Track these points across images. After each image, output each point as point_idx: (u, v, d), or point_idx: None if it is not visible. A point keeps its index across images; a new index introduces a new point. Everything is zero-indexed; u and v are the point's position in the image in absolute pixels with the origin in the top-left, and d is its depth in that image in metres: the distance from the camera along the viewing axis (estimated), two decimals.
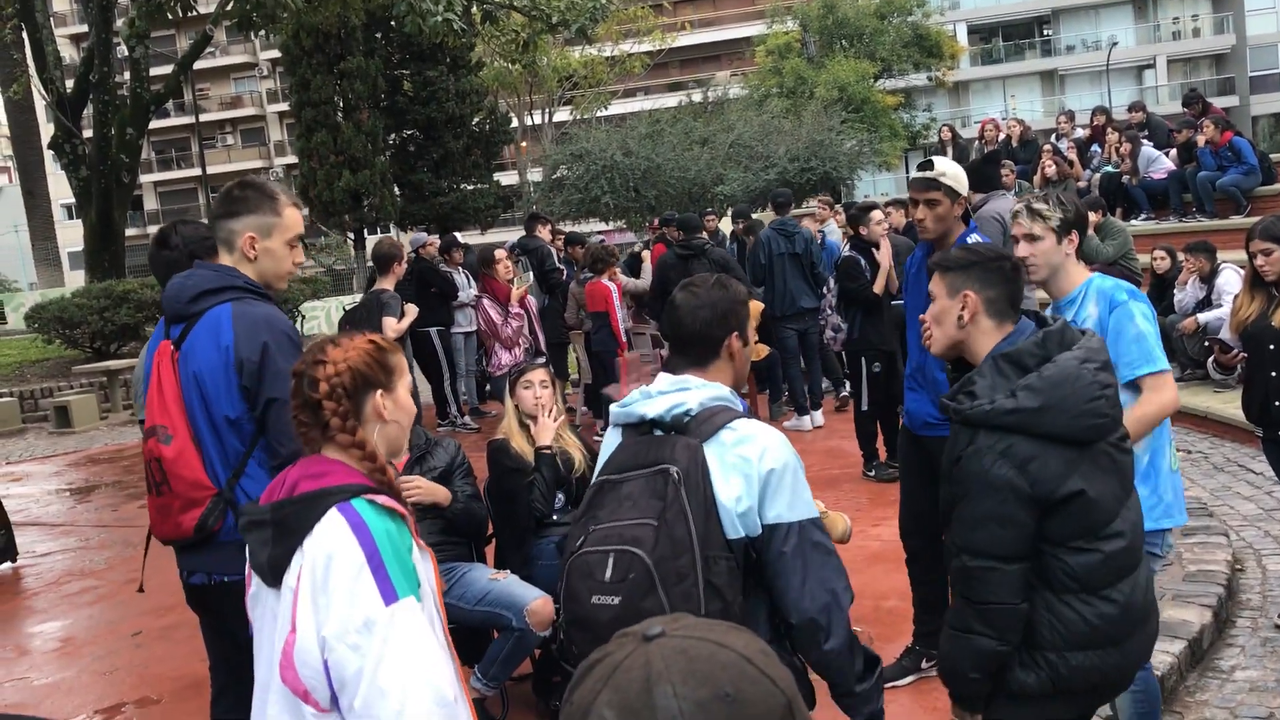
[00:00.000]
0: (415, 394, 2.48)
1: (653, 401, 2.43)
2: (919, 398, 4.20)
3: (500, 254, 9.36)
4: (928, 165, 4.05)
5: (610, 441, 2.55)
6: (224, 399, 2.98)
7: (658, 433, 2.41)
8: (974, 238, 4.10)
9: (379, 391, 2.23)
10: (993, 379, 2.52)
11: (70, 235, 33.80)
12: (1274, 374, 4.67)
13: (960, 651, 2.56)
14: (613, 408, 2.53)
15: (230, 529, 3.00)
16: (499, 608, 4.13)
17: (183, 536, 3.08)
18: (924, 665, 4.47)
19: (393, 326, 7.78)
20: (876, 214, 8.27)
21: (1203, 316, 9.08)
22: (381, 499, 2.12)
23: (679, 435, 2.36)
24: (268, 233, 3.08)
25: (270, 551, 2.09)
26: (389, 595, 2.01)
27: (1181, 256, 9.60)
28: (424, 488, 4.18)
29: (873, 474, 7.56)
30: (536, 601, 4.10)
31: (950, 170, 4.05)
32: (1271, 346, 4.66)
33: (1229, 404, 8.44)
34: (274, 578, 2.10)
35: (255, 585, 2.21)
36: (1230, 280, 9.14)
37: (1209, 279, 9.23)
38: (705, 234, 10.23)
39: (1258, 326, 4.71)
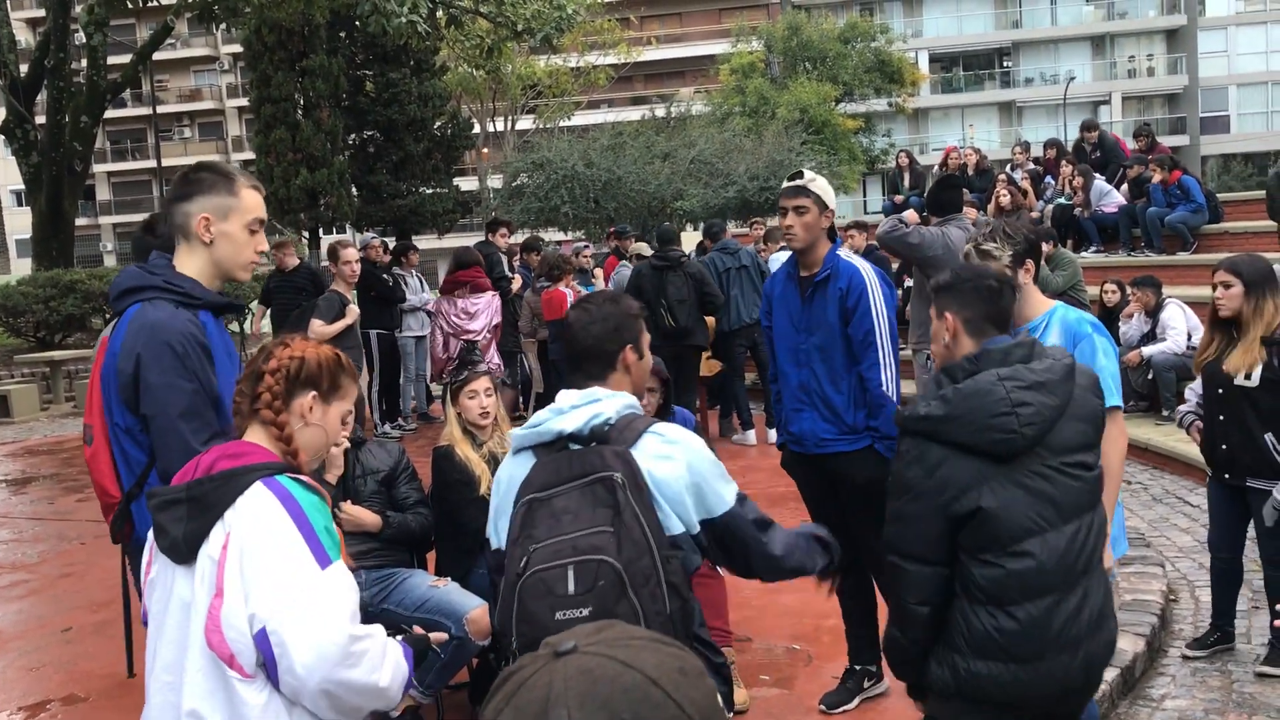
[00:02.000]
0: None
1: (566, 417, 2.44)
2: (810, 416, 4.18)
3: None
4: (797, 175, 4.16)
5: (515, 465, 2.51)
6: (115, 406, 2.87)
7: (574, 447, 2.41)
8: (842, 251, 4.21)
9: (313, 393, 2.30)
10: (929, 389, 2.67)
11: (18, 222, 33.22)
12: (1221, 418, 4.68)
13: (885, 634, 2.77)
14: (516, 432, 2.52)
15: (138, 539, 2.91)
16: (438, 615, 4.08)
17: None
18: (865, 685, 4.48)
19: (314, 329, 7.61)
20: (852, 231, 8.34)
21: (1147, 350, 9.23)
22: (303, 477, 2.19)
23: (602, 445, 2.38)
24: (224, 215, 2.87)
25: (186, 527, 2.12)
26: (323, 560, 2.08)
27: (1129, 290, 9.76)
28: (351, 515, 4.15)
29: None
30: (476, 610, 4.07)
31: (819, 180, 4.16)
32: (1220, 390, 4.67)
33: (1170, 437, 8.58)
34: (189, 552, 2.13)
35: (156, 569, 2.23)
36: (1174, 315, 9.29)
37: (1154, 313, 9.39)
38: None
39: (1212, 369, 4.71)
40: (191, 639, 2.09)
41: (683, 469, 2.40)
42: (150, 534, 2.23)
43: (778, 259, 10.14)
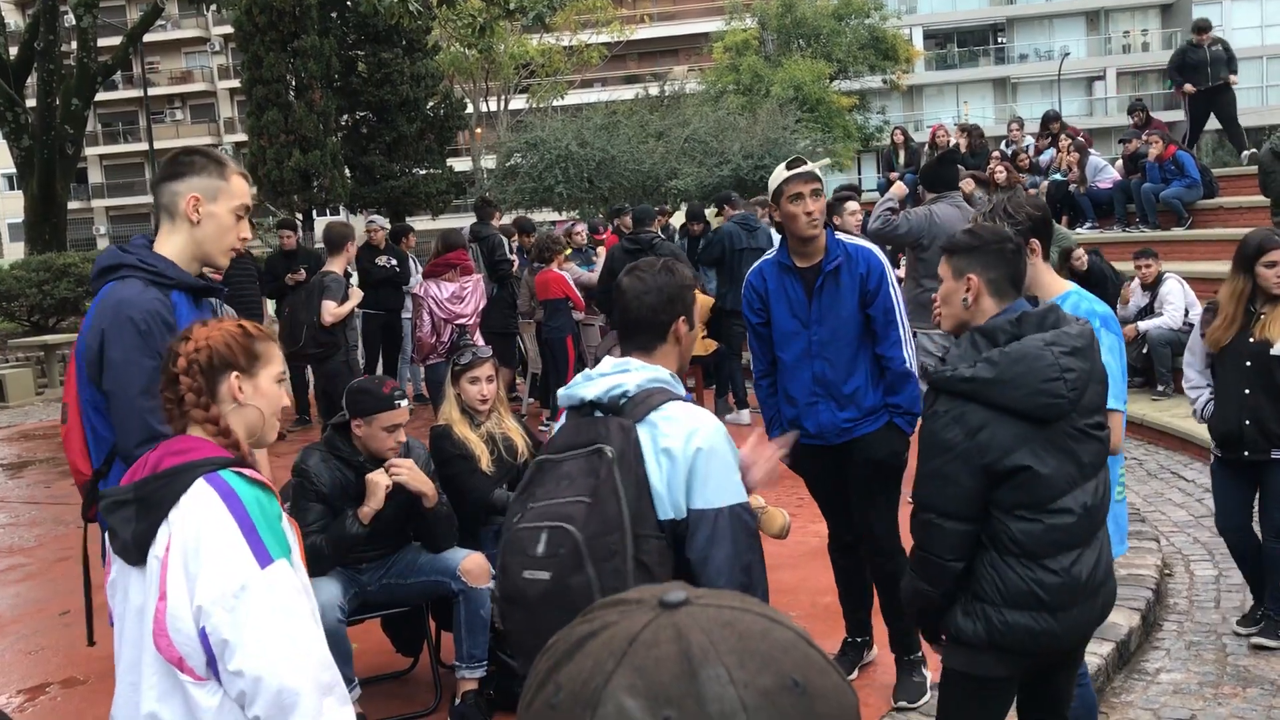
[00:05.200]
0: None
1: (592, 384, 2.46)
2: (827, 408, 4.13)
3: None
4: (801, 162, 4.00)
5: (560, 423, 2.59)
6: (83, 382, 2.91)
7: (597, 414, 2.44)
8: (839, 234, 4.16)
9: (235, 374, 2.24)
10: (965, 349, 2.68)
11: (11, 206, 33.09)
12: (1248, 392, 4.65)
13: (908, 588, 2.82)
14: (560, 391, 2.56)
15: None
16: (434, 575, 4.19)
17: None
18: (865, 656, 4.58)
19: (331, 310, 7.59)
20: (851, 204, 8.20)
21: (1143, 325, 9.21)
22: (247, 471, 2.15)
23: (614, 416, 2.39)
24: (213, 196, 2.92)
25: (134, 528, 2.10)
26: (263, 558, 2.04)
27: (1136, 262, 9.59)
28: (413, 473, 4.07)
29: None
30: (467, 560, 4.16)
31: (816, 166, 4.09)
32: (1248, 363, 4.65)
33: (1165, 412, 8.60)
34: (139, 554, 2.10)
35: (115, 570, 2.21)
36: (1173, 289, 9.26)
37: (1152, 287, 9.36)
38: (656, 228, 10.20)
39: (1237, 343, 4.68)
40: (145, 642, 2.09)
41: (678, 452, 2.33)
42: (106, 535, 2.21)
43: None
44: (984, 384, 2.58)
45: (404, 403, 4.10)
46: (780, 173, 4.02)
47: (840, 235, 4.15)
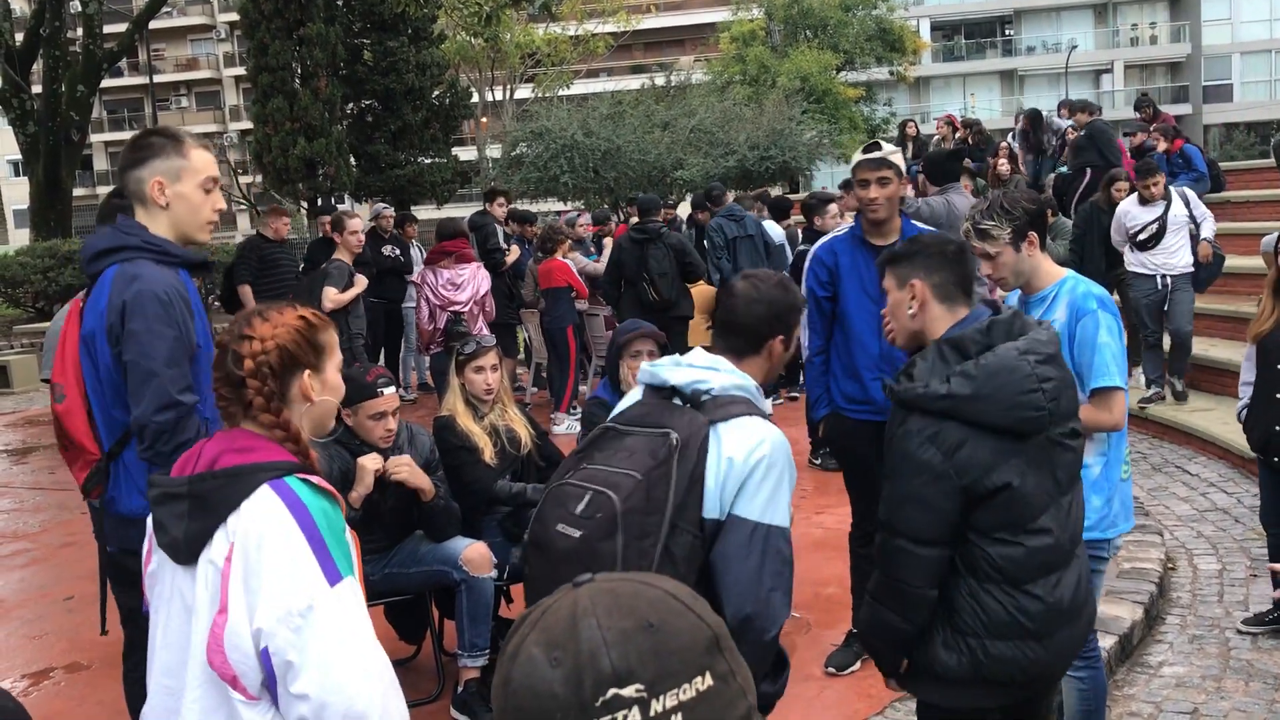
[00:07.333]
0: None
1: (680, 370, 2.47)
2: None
3: None
4: (875, 146, 4.20)
5: (633, 396, 2.58)
6: (105, 364, 2.92)
7: (677, 401, 2.44)
8: (915, 220, 4.29)
9: (307, 372, 2.11)
10: (933, 363, 2.52)
11: (16, 192, 33.11)
12: (1278, 395, 4.56)
13: (871, 620, 2.61)
14: (644, 364, 2.56)
15: (111, 500, 2.96)
16: (437, 564, 4.20)
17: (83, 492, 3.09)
18: None
19: (331, 297, 7.61)
20: (833, 207, 8.27)
21: (1205, 231, 8.42)
22: (315, 479, 2.02)
23: (693, 409, 2.39)
24: (176, 176, 2.93)
25: (187, 526, 1.97)
26: (332, 575, 1.92)
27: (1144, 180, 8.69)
28: (411, 468, 4.10)
29: (819, 462, 7.61)
30: (470, 549, 4.17)
31: (896, 152, 4.21)
32: (1279, 366, 4.56)
33: (1169, 408, 8.59)
34: (189, 555, 1.97)
35: (156, 562, 2.10)
36: (1195, 200, 8.72)
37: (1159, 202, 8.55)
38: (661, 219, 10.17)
39: (1272, 340, 4.59)
40: (192, 650, 1.96)
41: (739, 459, 2.31)
42: (149, 524, 2.10)
43: (772, 225, 10.10)
44: (961, 401, 2.41)
45: (390, 389, 4.11)
46: (856, 155, 4.21)
47: (914, 220, 4.24)
